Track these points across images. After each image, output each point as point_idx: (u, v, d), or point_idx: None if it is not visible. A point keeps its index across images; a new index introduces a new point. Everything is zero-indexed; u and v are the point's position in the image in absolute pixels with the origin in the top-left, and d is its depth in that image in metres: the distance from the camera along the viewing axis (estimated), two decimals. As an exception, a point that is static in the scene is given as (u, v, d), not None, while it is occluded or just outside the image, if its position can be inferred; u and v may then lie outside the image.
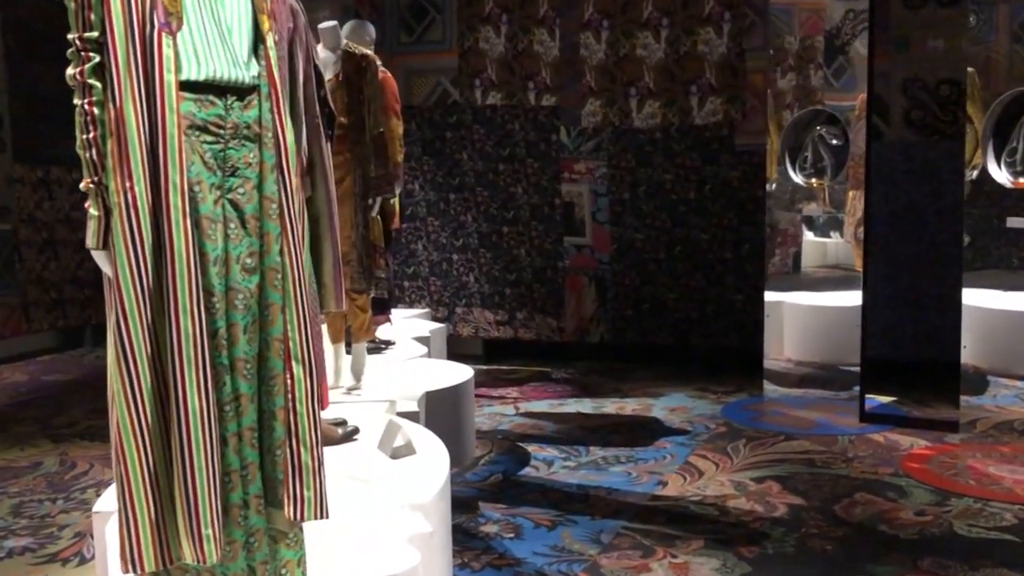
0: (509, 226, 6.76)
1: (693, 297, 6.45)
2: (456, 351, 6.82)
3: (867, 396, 5.14)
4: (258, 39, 1.94)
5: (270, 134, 1.93)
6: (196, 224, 1.81)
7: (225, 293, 1.87)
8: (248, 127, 1.90)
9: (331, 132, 3.48)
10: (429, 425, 4.22)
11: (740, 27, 6.27)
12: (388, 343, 5.31)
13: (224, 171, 1.87)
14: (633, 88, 6.52)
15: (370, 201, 4.22)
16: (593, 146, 6.61)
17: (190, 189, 1.80)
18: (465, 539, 3.53)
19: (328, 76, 4.27)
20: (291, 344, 1.95)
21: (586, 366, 6.60)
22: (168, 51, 1.77)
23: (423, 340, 5.62)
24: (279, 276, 1.94)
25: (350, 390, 4.31)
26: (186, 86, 1.81)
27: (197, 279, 1.78)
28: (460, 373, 4.65)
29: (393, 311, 6.52)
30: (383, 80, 5.70)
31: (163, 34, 1.76)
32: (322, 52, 4.34)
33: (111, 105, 1.76)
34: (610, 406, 5.55)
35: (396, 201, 5.71)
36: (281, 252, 1.94)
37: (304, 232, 2.03)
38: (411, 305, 7.00)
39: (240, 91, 1.89)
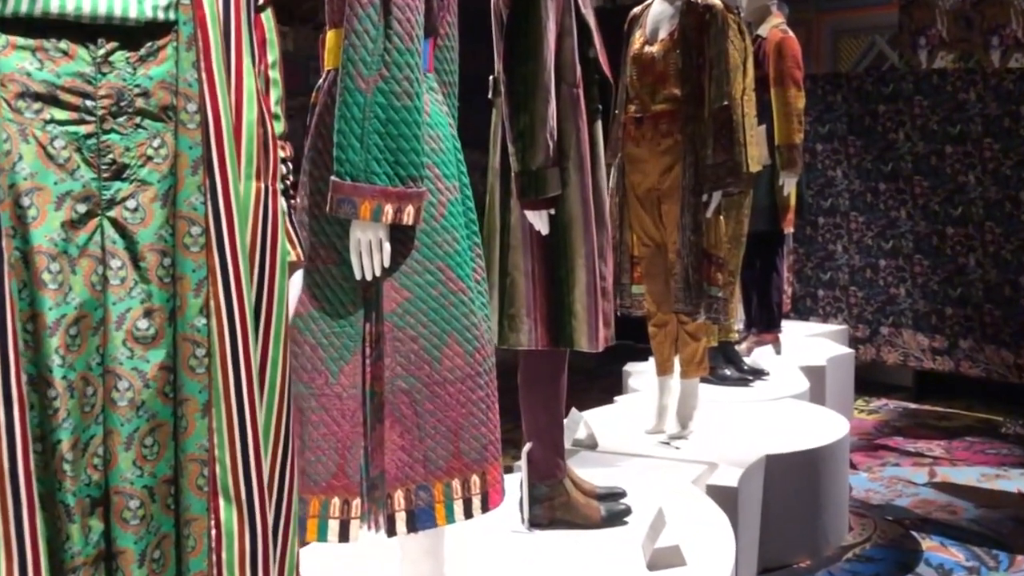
0: (955, 227, 5.22)
1: None
2: (877, 380, 5.49)
3: None
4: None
5: (194, 107, 1.11)
6: (24, 261, 1.05)
7: (101, 377, 1.09)
8: (147, 95, 1.10)
9: (599, 107, 2.56)
10: (772, 499, 3.14)
11: None
12: (759, 374, 4.23)
13: (99, 171, 1.09)
14: None
15: (704, 197, 3.21)
16: (1086, 121, 4.85)
17: (15, 203, 1.05)
18: None
19: (662, 35, 3.32)
20: (219, 468, 1.13)
21: (1054, 420, 4.90)
22: None
23: (813, 372, 4.44)
24: (201, 351, 1.12)
25: (671, 439, 3.36)
26: (10, 26, 1.06)
27: (5, 360, 1.02)
28: (831, 428, 3.46)
29: (792, 325, 5.38)
30: (782, 41, 4.57)
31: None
32: (659, 4, 3.39)
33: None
34: (1075, 486, 3.95)
35: (792, 193, 4.59)
36: (206, 309, 1.11)
37: (276, 269, 1.18)
38: (824, 319, 5.74)
39: (130, 34, 1.09)
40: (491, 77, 2.50)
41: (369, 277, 1.73)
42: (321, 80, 1.84)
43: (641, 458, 3.17)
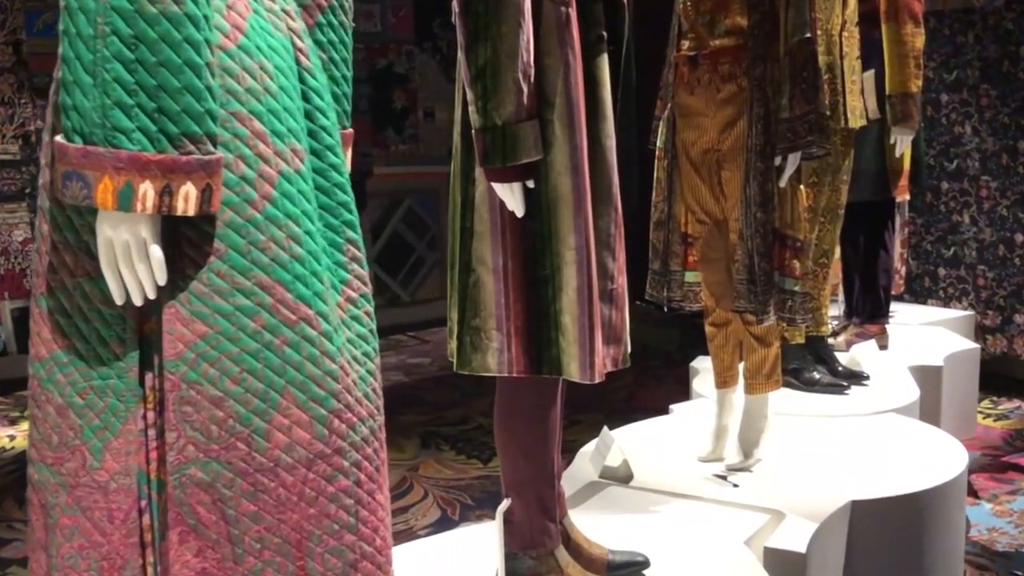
0: (1116, 194, 4.27)
1: None
2: (1008, 376, 4.59)
3: None
4: None
5: None
6: None
7: None
8: None
9: (603, 35, 1.82)
10: (858, 557, 2.39)
11: None
12: (857, 378, 3.42)
13: None
14: None
15: (777, 161, 2.44)
16: None
17: None
18: None
19: (727, -52, 2.53)
20: None
21: None
22: None
23: (927, 374, 3.60)
24: None
25: (728, 472, 2.62)
26: None
27: None
28: (945, 461, 2.66)
29: (905, 310, 4.52)
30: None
31: None
32: (724, -91, 2.60)
33: None
34: None
35: (906, 153, 3.74)
36: None
37: None
38: (946, 303, 4.84)
39: None
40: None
41: (138, 301, 1.07)
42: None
43: (685, 499, 2.46)
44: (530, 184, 1.69)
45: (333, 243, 1.18)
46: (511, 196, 1.69)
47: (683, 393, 3.59)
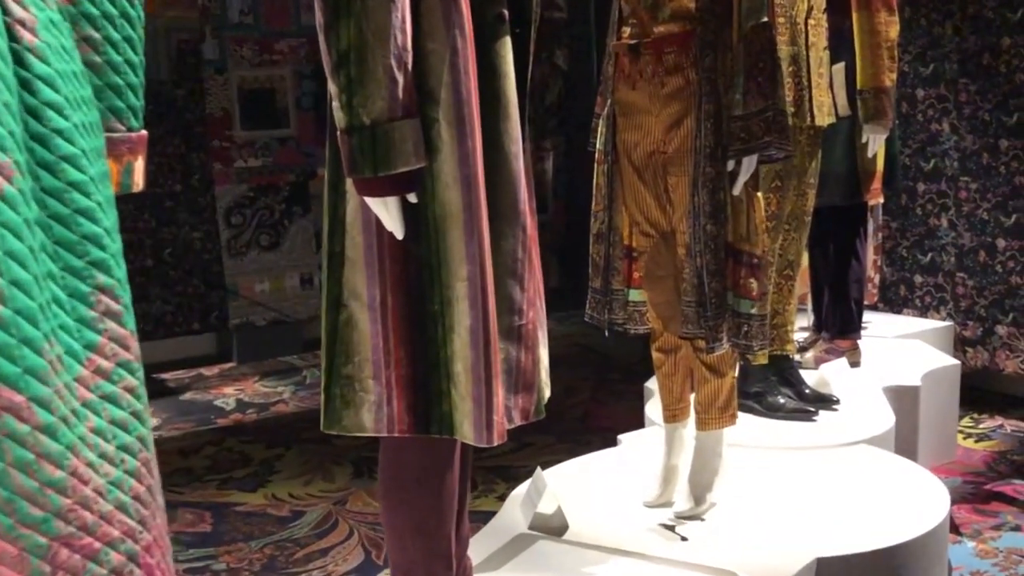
0: (1103, 197, 3.97)
1: None
2: (989, 391, 4.30)
3: None
4: None
5: None
6: None
7: None
8: None
9: (503, 12, 1.48)
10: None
11: None
12: (826, 401, 3.10)
13: None
14: None
15: (731, 165, 2.11)
16: None
17: None
18: None
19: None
20: None
21: None
22: None
23: (903, 394, 3.30)
24: None
25: (677, 520, 2.29)
26: None
27: None
28: (925, 507, 2.34)
29: (880, 321, 4.22)
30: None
31: None
32: None
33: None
34: None
35: (880, 153, 3.44)
36: None
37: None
38: (923, 313, 4.54)
39: None
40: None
41: None
42: None
43: (626, 557, 2.13)
44: (411, 199, 1.36)
45: (74, 293, 0.84)
46: (387, 214, 1.35)
47: (636, 416, 3.28)
